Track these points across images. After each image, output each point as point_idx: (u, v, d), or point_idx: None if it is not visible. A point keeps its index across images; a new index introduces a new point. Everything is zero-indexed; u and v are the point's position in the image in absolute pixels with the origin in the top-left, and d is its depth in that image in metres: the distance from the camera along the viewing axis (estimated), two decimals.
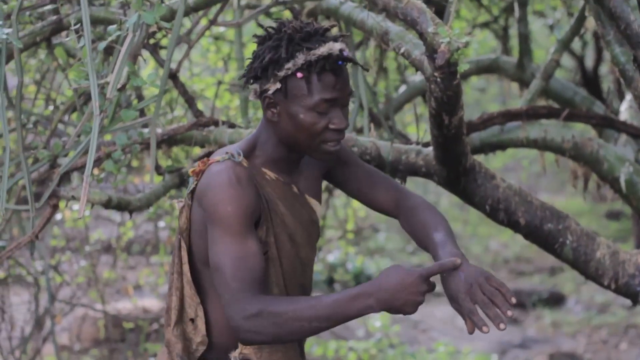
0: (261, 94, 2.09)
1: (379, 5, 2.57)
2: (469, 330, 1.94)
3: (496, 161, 10.35)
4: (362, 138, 3.15)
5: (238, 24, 3.42)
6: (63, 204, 3.08)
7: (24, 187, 2.97)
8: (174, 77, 3.29)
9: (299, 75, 2.03)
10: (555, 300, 8.39)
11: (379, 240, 10.77)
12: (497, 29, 5.96)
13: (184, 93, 3.35)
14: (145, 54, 3.45)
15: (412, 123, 6.18)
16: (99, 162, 3.05)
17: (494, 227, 8.67)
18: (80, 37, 2.40)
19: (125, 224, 6.22)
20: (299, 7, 3.58)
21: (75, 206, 4.74)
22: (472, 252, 10.46)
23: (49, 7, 3.07)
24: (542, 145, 3.37)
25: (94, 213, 6.31)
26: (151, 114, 2.87)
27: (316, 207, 2.26)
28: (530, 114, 3.36)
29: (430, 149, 3.00)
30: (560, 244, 3.01)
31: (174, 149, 3.86)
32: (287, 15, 3.99)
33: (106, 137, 3.37)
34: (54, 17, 3.08)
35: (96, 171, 3.23)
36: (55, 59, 3.60)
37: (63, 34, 3.23)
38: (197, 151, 3.32)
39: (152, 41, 3.48)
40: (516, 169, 12.54)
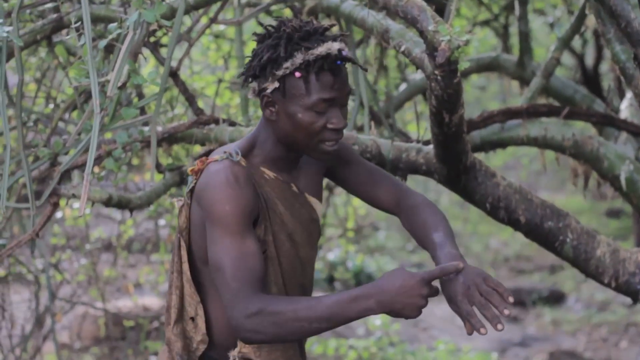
0: (259, 92, 2.09)
1: (380, 3, 2.57)
2: (467, 332, 1.94)
3: (496, 159, 10.35)
4: (362, 136, 3.15)
5: (238, 22, 3.42)
6: (63, 202, 3.08)
7: (25, 185, 2.97)
8: (174, 75, 3.30)
9: (297, 74, 2.03)
10: (556, 298, 8.39)
11: (379, 239, 10.77)
12: (497, 27, 5.95)
13: (185, 91, 3.35)
14: (146, 52, 3.45)
15: (413, 121, 6.18)
16: (99, 160, 3.05)
17: (494, 225, 8.67)
18: (80, 35, 2.40)
19: (126, 222, 6.22)
20: (299, 5, 3.58)
21: (75, 204, 4.74)
22: (473, 250, 10.46)
23: (50, 5, 3.07)
24: (542, 143, 3.37)
25: (94, 211, 6.31)
26: (152, 112, 2.88)
27: (316, 205, 2.25)
28: (530, 112, 3.36)
29: (431, 147, 3.00)
30: (561, 242, 3.01)
31: (175, 147, 3.86)
32: (288, 13, 3.99)
33: (107, 135, 3.37)
34: (54, 15, 3.08)
35: (97, 169, 3.23)
36: (55, 57, 3.60)
37: (64, 32, 3.23)
38: (198, 149, 3.32)
39: (152, 39, 3.48)
40: (516, 167, 12.54)
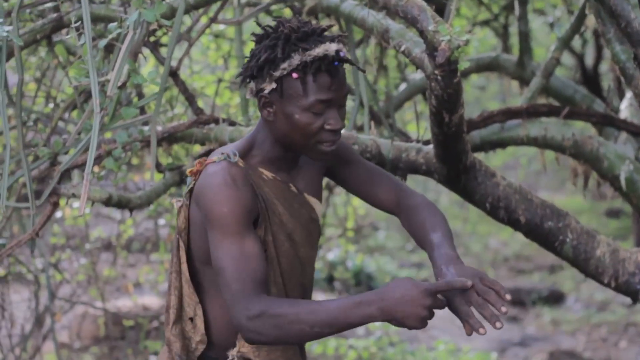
0: (257, 93, 2.09)
1: (380, 3, 2.57)
2: (467, 333, 1.93)
3: (496, 159, 10.35)
4: (362, 136, 3.15)
5: (238, 21, 3.42)
6: (63, 201, 3.08)
7: (25, 185, 2.97)
8: (174, 74, 3.30)
9: (294, 75, 2.02)
10: (555, 298, 8.40)
11: (378, 238, 10.78)
12: (497, 27, 5.95)
13: (184, 91, 3.35)
14: (146, 51, 3.44)
15: (413, 121, 6.18)
16: (99, 159, 3.05)
17: (494, 225, 8.67)
18: (80, 34, 2.40)
19: (126, 221, 6.22)
20: (299, 5, 3.58)
21: (75, 204, 4.74)
22: (472, 250, 10.46)
23: (50, 4, 3.07)
24: (542, 143, 3.37)
25: (94, 211, 6.31)
26: (151, 112, 2.88)
27: (316, 205, 2.25)
28: (530, 112, 3.36)
29: (431, 146, 3.00)
30: (561, 242, 3.01)
31: (175, 147, 3.86)
32: (288, 13, 3.99)
33: (106, 135, 3.37)
34: (54, 15, 3.08)
35: (96, 169, 3.23)
36: (55, 56, 3.60)
37: (63, 31, 3.23)
38: (198, 149, 3.32)
39: (152, 39, 3.48)
40: (515, 167, 12.54)
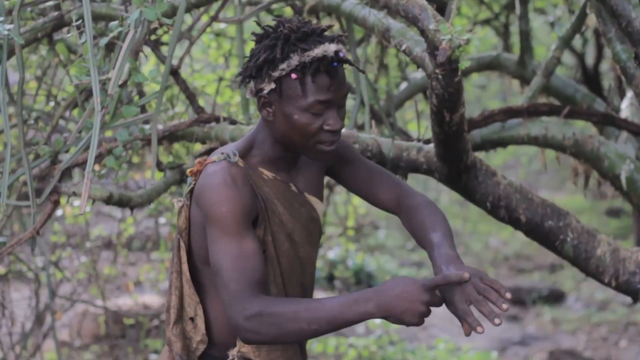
0: (256, 93, 2.09)
1: (381, 2, 2.57)
2: (465, 333, 1.93)
3: (497, 158, 10.35)
4: (363, 135, 3.15)
5: (239, 20, 3.42)
6: (64, 200, 3.08)
7: (25, 183, 2.97)
8: (175, 73, 3.30)
9: (293, 76, 2.02)
10: (555, 297, 8.40)
11: (379, 237, 10.79)
12: (498, 26, 5.95)
13: (185, 89, 3.35)
14: (147, 50, 3.45)
15: (413, 120, 6.18)
16: (100, 158, 3.05)
17: (494, 224, 8.68)
18: (81, 33, 2.40)
19: (126, 220, 6.22)
20: (300, 4, 3.58)
21: (76, 202, 4.74)
22: (473, 249, 10.47)
23: (51, 3, 3.07)
24: (542, 142, 3.37)
25: (94, 209, 6.31)
26: (152, 110, 2.88)
27: (317, 204, 2.25)
28: (531, 111, 3.36)
29: (431, 146, 3.00)
30: (561, 241, 3.01)
31: (175, 146, 3.86)
32: (289, 12, 3.99)
33: (107, 133, 3.37)
34: (55, 13, 3.08)
35: (97, 167, 3.23)
36: (56, 55, 3.60)
37: (64, 30, 3.23)
38: (198, 147, 3.32)
39: (153, 37, 3.48)
40: (516, 166, 12.55)
